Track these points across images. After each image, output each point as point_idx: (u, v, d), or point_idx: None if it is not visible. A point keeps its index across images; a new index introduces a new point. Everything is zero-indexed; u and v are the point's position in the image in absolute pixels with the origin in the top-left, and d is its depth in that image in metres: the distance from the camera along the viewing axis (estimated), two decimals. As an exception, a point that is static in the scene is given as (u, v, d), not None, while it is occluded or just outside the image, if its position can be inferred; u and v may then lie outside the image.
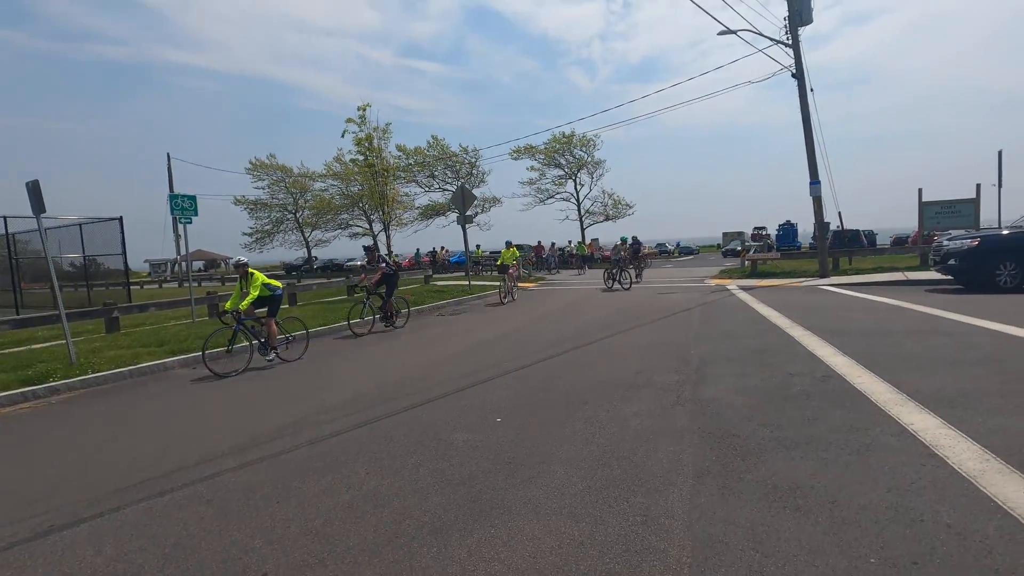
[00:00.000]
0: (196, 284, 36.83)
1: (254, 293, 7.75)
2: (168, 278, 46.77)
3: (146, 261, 58.52)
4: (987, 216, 18.00)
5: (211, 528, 3.01)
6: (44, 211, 7.78)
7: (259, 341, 8.04)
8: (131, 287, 17.23)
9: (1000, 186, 18.36)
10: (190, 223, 12.10)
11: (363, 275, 11.79)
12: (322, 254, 48.90)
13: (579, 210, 41.94)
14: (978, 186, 17.55)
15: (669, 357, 6.68)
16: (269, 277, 8.28)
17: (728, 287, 15.89)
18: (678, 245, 57.77)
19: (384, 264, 11.16)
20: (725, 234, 50.16)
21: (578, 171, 41.13)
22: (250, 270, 8.02)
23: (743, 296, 13.30)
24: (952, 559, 2.31)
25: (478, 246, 37.73)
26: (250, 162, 40.57)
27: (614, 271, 18.51)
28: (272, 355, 8.02)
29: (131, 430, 5.19)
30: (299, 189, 41.91)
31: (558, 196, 42.39)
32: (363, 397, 5.67)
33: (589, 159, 40.64)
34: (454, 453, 3.90)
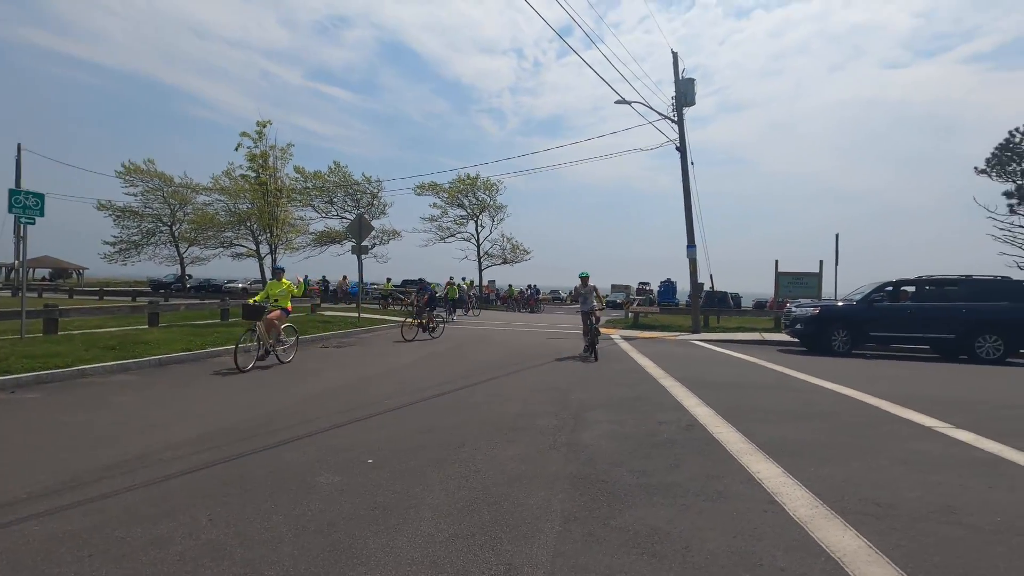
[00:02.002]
0: (35, 295, 31.91)
1: None
2: (0, 285, 40.16)
3: (-28, 263, 49.87)
4: (828, 289, 20.81)
5: (-6, 589, 2.49)
6: None
7: None
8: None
9: (837, 263, 21.38)
10: (33, 223, 10.55)
11: None
12: (198, 272, 44.83)
13: (478, 251, 42.48)
14: (821, 262, 20.31)
15: (551, 401, 6.80)
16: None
17: (612, 336, 16.73)
18: (571, 293, 60.36)
19: None
20: (614, 286, 53.27)
21: (480, 213, 41.86)
22: None
23: (625, 346, 14.05)
24: (783, 602, 2.49)
25: (388, 279, 36.60)
26: (123, 165, 36.69)
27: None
28: None
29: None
30: (179, 200, 38.44)
31: (459, 235, 42.70)
32: (221, 433, 5.12)
33: (492, 202, 41.60)
34: (316, 497, 3.60)
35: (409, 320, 14.63)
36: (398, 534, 3.09)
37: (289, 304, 9.86)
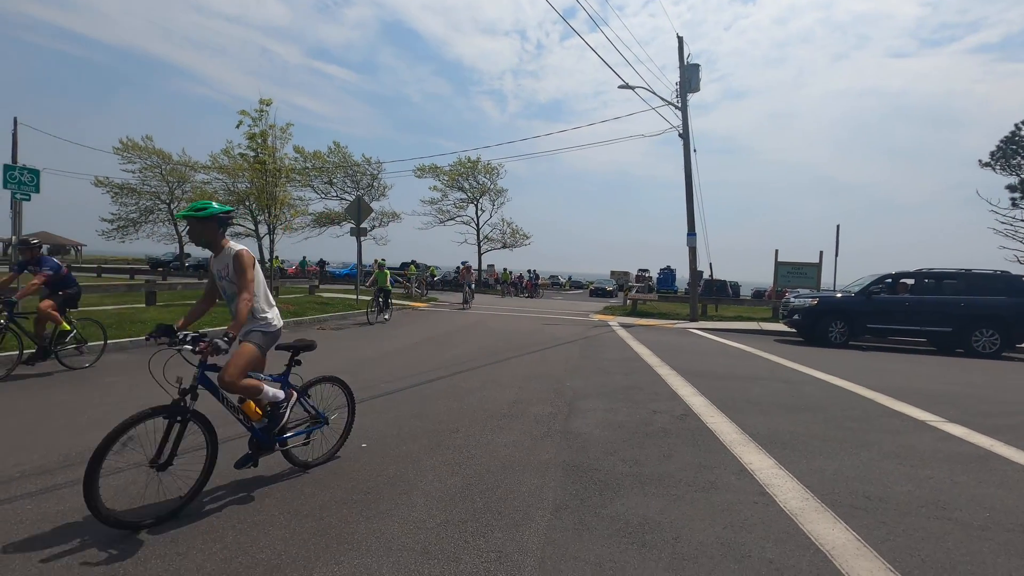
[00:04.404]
0: (33, 271, 31.86)
1: None
2: (-3, 260, 40.06)
3: (-31, 238, 49.73)
4: (827, 279, 20.79)
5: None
6: None
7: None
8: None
9: (837, 254, 21.34)
10: (28, 199, 10.48)
11: None
12: (196, 252, 44.68)
13: (478, 235, 42.34)
14: (821, 253, 20.24)
15: (545, 389, 6.81)
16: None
17: (610, 323, 16.74)
18: (570, 279, 60.68)
19: None
20: (613, 272, 53.23)
21: (480, 196, 41.66)
22: None
23: (622, 333, 14.06)
24: (770, 594, 2.50)
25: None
26: (120, 141, 36.34)
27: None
28: None
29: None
30: (177, 178, 38.18)
31: (458, 219, 42.55)
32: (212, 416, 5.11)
33: (492, 186, 41.37)
34: (307, 481, 3.62)
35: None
36: (389, 519, 3.11)
37: None
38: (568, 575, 2.59)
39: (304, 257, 39.54)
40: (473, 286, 21.30)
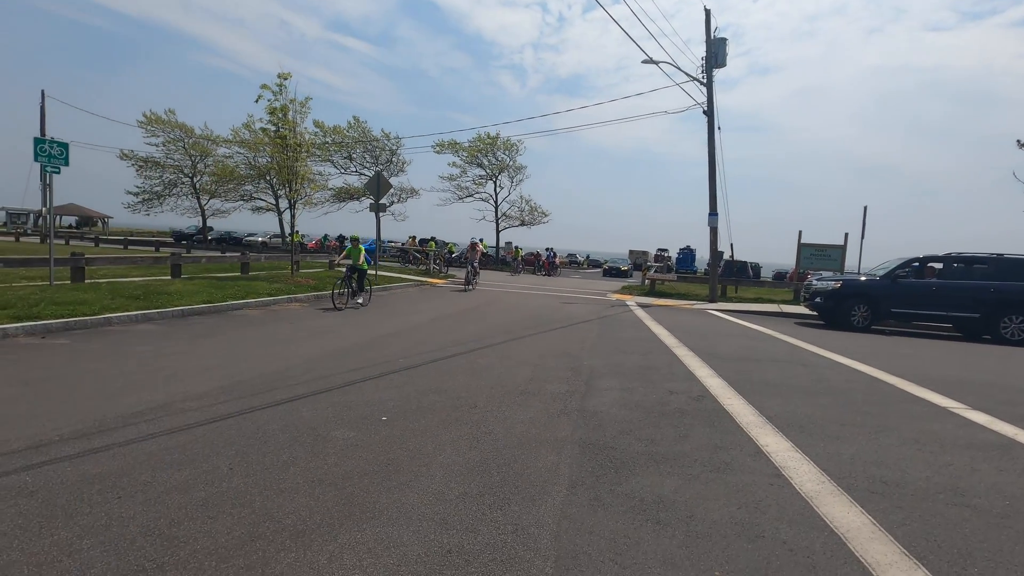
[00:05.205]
0: (63, 242, 32.71)
1: None
2: (29, 231, 41.26)
3: (2, 209, 51.19)
4: (852, 262, 20.37)
5: (30, 526, 2.63)
6: None
7: None
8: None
9: (863, 237, 20.85)
10: (58, 172, 10.71)
11: None
12: (219, 225, 45.32)
13: (496, 212, 42.17)
14: (846, 235, 19.80)
15: (563, 367, 6.86)
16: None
17: (627, 303, 16.69)
18: (587, 257, 60.46)
19: None
20: (631, 252, 52.82)
21: (499, 173, 41.32)
22: None
23: (639, 313, 14.02)
24: (782, 573, 2.54)
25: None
26: (144, 115, 36.70)
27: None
28: None
29: (-52, 405, 4.43)
30: (199, 152, 38.56)
31: (477, 196, 42.31)
32: (239, 386, 5.27)
33: (511, 163, 40.98)
34: (331, 451, 3.73)
35: None
36: (409, 491, 3.20)
37: None
38: (583, 549, 2.66)
39: (326, 234, 39.92)
40: (477, 264, 20.31)
